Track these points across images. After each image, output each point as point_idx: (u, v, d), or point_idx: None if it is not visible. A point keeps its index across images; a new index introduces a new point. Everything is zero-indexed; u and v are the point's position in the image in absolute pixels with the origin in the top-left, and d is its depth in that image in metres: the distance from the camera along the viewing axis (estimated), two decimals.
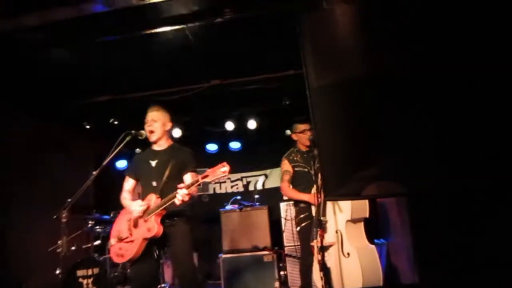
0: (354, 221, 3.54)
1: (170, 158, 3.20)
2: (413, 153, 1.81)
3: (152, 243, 3.08)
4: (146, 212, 3.06)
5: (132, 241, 3.09)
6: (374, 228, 4.31)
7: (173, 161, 3.18)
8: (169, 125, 3.37)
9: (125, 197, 3.32)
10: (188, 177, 3.18)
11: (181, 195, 2.85)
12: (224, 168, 2.79)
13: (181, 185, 2.90)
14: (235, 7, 3.20)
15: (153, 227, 3.00)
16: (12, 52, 3.68)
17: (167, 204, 2.96)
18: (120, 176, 3.50)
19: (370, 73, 1.93)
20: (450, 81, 1.67)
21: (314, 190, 3.67)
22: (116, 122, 5.33)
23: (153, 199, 3.08)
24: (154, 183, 3.17)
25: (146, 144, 3.42)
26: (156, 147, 3.34)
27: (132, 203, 3.19)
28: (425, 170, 1.77)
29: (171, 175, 3.14)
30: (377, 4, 1.91)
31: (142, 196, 3.25)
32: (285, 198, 5.25)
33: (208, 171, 2.85)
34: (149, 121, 3.26)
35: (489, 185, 1.64)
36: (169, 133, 3.45)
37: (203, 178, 2.85)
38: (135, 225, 3.11)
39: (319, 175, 3.41)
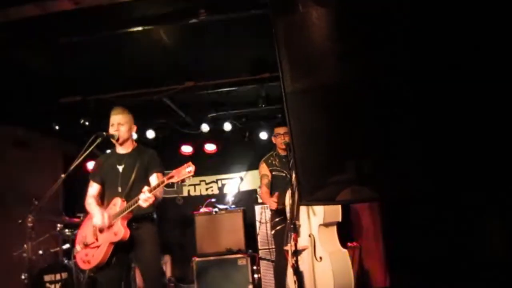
0: (326, 225, 3.57)
1: (136, 161, 3.17)
2: (387, 158, 1.82)
3: (119, 247, 3.01)
4: (111, 216, 3.00)
5: (98, 247, 3.02)
6: (346, 232, 4.37)
7: (138, 163, 3.16)
8: (134, 127, 3.34)
9: (90, 202, 3.23)
10: (153, 179, 3.15)
11: (143, 199, 2.82)
12: (189, 168, 2.77)
13: (145, 188, 2.86)
14: (210, 9, 3.17)
15: (120, 230, 2.94)
16: None
17: (132, 207, 2.92)
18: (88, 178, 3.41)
19: (346, 77, 1.94)
20: (427, 86, 1.69)
21: (288, 193, 3.69)
22: (86, 123, 5.18)
23: (118, 203, 3.03)
24: (120, 188, 3.13)
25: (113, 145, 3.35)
26: (121, 150, 3.28)
27: (95, 212, 3.11)
28: (398, 175, 1.78)
29: (137, 178, 3.12)
30: (354, 8, 1.92)
31: (106, 200, 3.19)
32: (260, 201, 5.26)
33: (173, 171, 2.83)
34: (115, 124, 3.19)
35: (463, 189, 1.67)
36: (132, 135, 3.40)
37: (168, 179, 2.83)
38: (101, 230, 3.04)
39: (294, 179, 3.44)
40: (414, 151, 1.77)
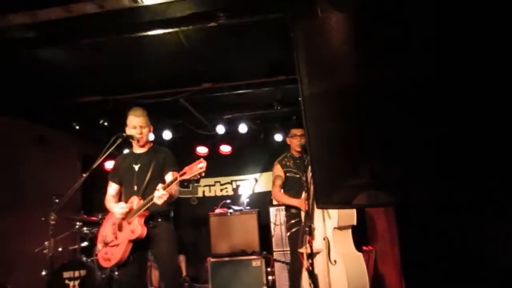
0: (341, 228, 3.56)
1: (152, 160, 3.24)
2: (405, 162, 1.82)
3: (137, 245, 3.07)
4: (129, 214, 3.05)
5: (117, 245, 3.09)
6: (362, 235, 4.35)
7: (154, 162, 3.22)
8: (151, 128, 3.41)
9: (109, 200, 3.33)
10: (169, 177, 3.21)
11: (157, 196, 2.87)
12: (201, 164, 2.81)
13: (159, 185, 2.92)
14: (229, 12, 3.20)
15: (137, 228, 3.00)
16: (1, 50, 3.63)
17: (148, 205, 2.97)
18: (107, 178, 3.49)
19: (363, 81, 1.94)
20: (444, 90, 1.69)
21: (304, 195, 3.69)
22: (106, 123, 5.28)
23: (135, 201, 3.10)
24: (136, 187, 3.19)
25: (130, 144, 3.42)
26: (137, 150, 3.36)
27: (114, 205, 3.21)
28: (415, 180, 1.78)
29: (153, 176, 3.18)
30: (373, 14, 1.93)
31: (124, 199, 3.28)
32: (274, 202, 5.26)
33: (186, 168, 2.88)
34: (137, 127, 3.25)
35: (480, 194, 1.66)
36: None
37: (181, 175, 2.88)
38: (120, 228, 3.11)
39: (310, 182, 3.44)
40: (430, 155, 1.77)
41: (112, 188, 3.39)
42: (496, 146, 1.59)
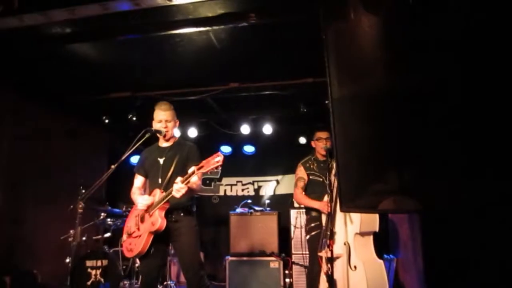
0: (362, 234, 3.50)
1: (176, 154, 3.28)
2: (433, 169, 1.79)
3: (158, 238, 3.11)
4: (150, 206, 3.11)
5: (139, 236, 3.14)
6: (383, 243, 4.27)
7: (178, 156, 3.26)
8: (177, 122, 3.45)
9: (134, 192, 3.39)
10: (192, 169, 3.21)
11: (176, 189, 2.90)
12: (218, 158, 2.82)
13: (178, 178, 2.95)
14: (260, 13, 3.23)
15: (156, 220, 3.04)
16: (38, 45, 3.77)
17: (168, 197, 3.00)
18: (133, 170, 3.56)
19: (394, 86, 1.92)
20: (477, 98, 1.65)
21: (326, 198, 3.66)
22: (134, 118, 5.40)
23: (157, 194, 3.14)
24: (160, 180, 3.24)
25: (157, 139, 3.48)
26: (163, 144, 3.41)
27: (138, 197, 3.27)
28: (443, 187, 1.75)
29: (176, 170, 3.20)
30: (405, 18, 1.91)
31: (148, 192, 3.33)
32: (296, 205, 5.24)
33: (203, 162, 2.90)
34: (163, 121, 3.30)
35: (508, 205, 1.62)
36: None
37: (198, 169, 2.89)
38: (142, 220, 3.17)
39: (335, 185, 3.41)
40: (460, 163, 1.74)
41: (138, 180, 3.45)
42: None
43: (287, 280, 5.17)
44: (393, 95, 1.97)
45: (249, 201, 5.93)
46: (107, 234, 4.87)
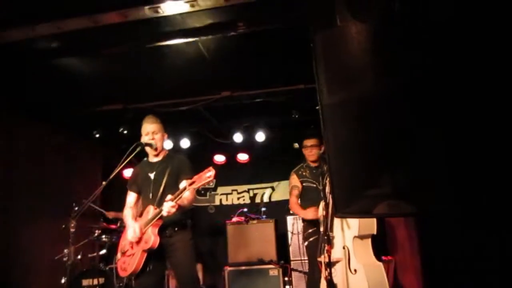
0: (361, 237, 3.51)
1: (167, 168, 3.24)
2: (426, 173, 1.80)
3: (153, 255, 3.07)
4: (143, 225, 3.08)
5: (132, 254, 3.10)
6: (381, 245, 4.28)
7: (169, 170, 3.22)
8: (165, 135, 3.42)
9: (126, 214, 3.33)
10: (183, 184, 3.15)
11: (166, 208, 2.86)
12: (210, 172, 2.80)
13: (168, 197, 2.92)
14: (248, 21, 3.24)
15: (149, 238, 3.00)
16: (25, 60, 3.74)
17: (159, 215, 2.97)
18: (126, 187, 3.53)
19: (384, 91, 1.93)
20: (469, 102, 1.66)
21: (321, 205, 3.68)
22: (125, 132, 5.36)
23: (151, 211, 3.09)
24: (151, 195, 3.20)
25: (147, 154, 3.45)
26: (153, 159, 3.38)
27: (129, 225, 3.20)
28: (437, 190, 1.75)
29: (168, 184, 3.17)
30: (392, 23, 1.92)
31: (142, 208, 3.28)
32: (292, 212, 5.24)
33: (195, 177, 2.87)
34: (150, 133, 3.29)
35: (504, 205, 1.62)
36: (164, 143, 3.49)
37: (190, 184, 2.86)
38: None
39: (328, 191, 3.43)
40: (453, 166, 1.74)
41: (131, 197, 3.41)
42: None
43: (287, 287, 5.15)
44: (383, 99, 1.97)
45: (245, 209, 5.91)
46: (103, 251, 4.82)
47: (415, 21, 1.81)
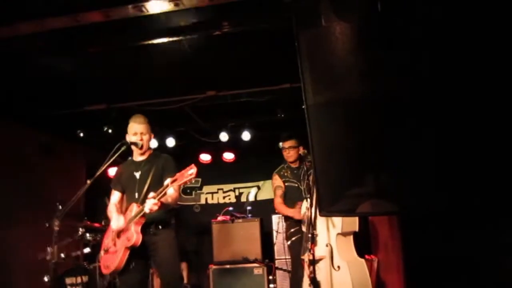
0: (344, 234, 3.59)
1: (152, 167, 3.24)
2: (408, 172, 1.83)
3: (136, 252, 3.06)
4: (127, 221, 3.07)
5: (115, 252, 3.09)
6: (365, 244, 4.35)
7: (154, 169, 3.23)
8: (152, 136, 3.42)
9: (111, 209, 3.33)
10: (167, 182, 3.14)
11: (148, 205, 2.85)
12: (192, 170, 2.80)
13: (151, 194, 2.91)
14: (233, 21, 3.24)
15: (132, 236, 3.00)
16: (5, 59, 3.67)
17: (142, 212, 2.96)
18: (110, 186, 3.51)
19: (368, 91, 1.96)
20: (450, 102, 1.70)
21: (304, 204, 3.74)
22: (110, 131, 5.31)
23: (134, 208, 3.09)
24: (136, 194, 3.20)
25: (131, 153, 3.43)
26: (138, 158, 3.36)
27: (114, 216, 3.20)
28: (420, 190, 1.79)
29: (153, 183, 3.16)
30: (376, 23, 1.95)
31: (126, 207, 3.28)
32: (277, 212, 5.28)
33: (177, 175, 2.88)
34: (138, 133, 3.27)
35: (484, 204, 1.66)
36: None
37: (172, 182, 2.86)
38: (118, 235, 3.12)
39: (313, 190, 3.47)
40: (433, 165, 1.78)
41: (115, 196, 3.40)
42: (497, 161, 1.59)
43: (271, 285, 5.17)
44: (367, 100, 2.00)
45: (231, 208, 5.91)
46: (87, 250, 4.75)
47: (398, 21, 1.84)
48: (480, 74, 1.62)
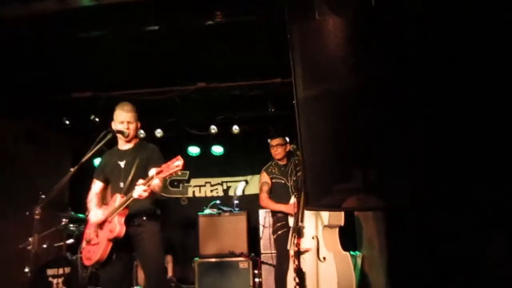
0: (330, 226, 3.66)
1: (136, 157, 3.17)
2: (397, 168, 1.82)
3: (119, 244, 3.01)
4: (109, 212, 3.01)
5: (97, 243, 3.04)
6: (350, 240, 4.39)
7: (138, 159, 3.15)
8: (139, 125, 3.34)
9: (91, 200, 3.27)
10: (152, 172, 3.06)
11: (138, 191, 2.81)
12: (178, 162, 2.76)
13: (140, 181, 2.86)
14: (226, 12, 3.20)
15: (115, 227, 2.94)
16: None
17: (127, 202, 2.91)
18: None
19: (358, 86, 1.95)
20: (440, 98, 1.69)
21: (292, 200, 3.78)
22: (97, 119, 5.22)
23: (117, 199, 3.03)
24: (122, 184, 3.13)
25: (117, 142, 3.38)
26: (123, 147, 3.30)
27: (92, 209, 3.16)
28: (406, 186, 1.78)
29: (137, 173, 3.08)
30: (370, 19, 1.93)
31: (110, 197, 3.21)
32: (263, 207, 5.28)
33: (163, 166, 2.83)
34: (125, 122, 3.20)
35: (470, 202, 1.67)
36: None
37: (157, 173, 2.81)
38: (101, 227, 3.06)
39: (300, 185, 3.50)
40: (421, 162, 1.77)
41: (96, 186, 3.33)
42: (484, 156, 1.59)
43: (257, 279, 5.17)
44: (357, 94, 1.99)
45: (218, 202, 5.88)
46: (70, 241, 4.69)
47: (391, 16, 1.82)
48: (472, 71, 1.61)
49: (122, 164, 3.19)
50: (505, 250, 1.99)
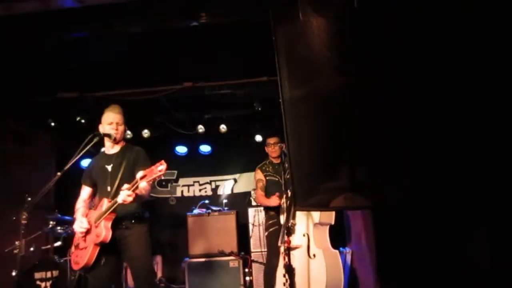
0: (322, 224, 3.74)
1: (123, 160, 3.16)
2: (380, 167, 1.85)
3: (107, 248, 3.00)
4: (95, 218, 3.01)
5: (85, 248, 3.03)
6: (339, 237, 4.44)
7: (125, 162, 3.15)
8: (125, 128, 3.33)
9: (78, 208, 3.25)
10: (139, 175, 3.02)
11: (122, 196, 2.80)
12: (161, 166, 2.75)
13: (125, 186, 2.85)
14: (211, 12, 3.20)
15: (101, 232, 2.93)
16: None
17: (113, 207, 2.90)
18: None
19: (343, 86, 1.97)
20: (425, 97, 1.72)
21: (284, 196, 3.83)
22: (83, 121, 5.17)
23: (105, 204, 3.01)
24: (109, 188, 3.11)
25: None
26: (110, 151, 3.28)
27: (78, 218, 3.14)
28: (393, 185, 1.81)
29: (124, 177, 3.08)
30: (353, 19, 1.95)
31: (98, 201, 3.19)
32: (253, 203, 5.30)
33: (147, 170, 2.81)
34: (114, 123, 3.18)
35: (455, 201, 1.70)
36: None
37: (141, 179, 2.79)
38: (88, 231, 3.05)
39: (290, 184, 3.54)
40: (406, 160, 1.80)
41: (85, 191, 3.32)
42: (472, 160, 1.62)
43: (247, 278, 5.18)
44: (343, 94, 2.01)
45: (207, 201, 5.88)
46: (57, 243, 4.64)
47: (373, 17, 1.85)
48: (459, 69, 1.64)
49: (109, 168, 3.18)
50: (485, 244, 2.04)
